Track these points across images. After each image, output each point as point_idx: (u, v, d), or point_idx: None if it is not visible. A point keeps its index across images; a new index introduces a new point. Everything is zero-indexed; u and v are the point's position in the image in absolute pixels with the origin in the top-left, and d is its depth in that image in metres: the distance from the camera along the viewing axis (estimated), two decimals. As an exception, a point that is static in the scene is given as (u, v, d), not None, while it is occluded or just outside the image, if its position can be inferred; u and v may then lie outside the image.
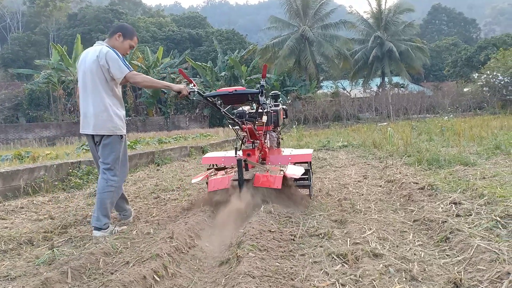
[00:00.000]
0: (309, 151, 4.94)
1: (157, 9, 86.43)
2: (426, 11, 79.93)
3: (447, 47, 52.20)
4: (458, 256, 2.52)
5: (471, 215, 3.28)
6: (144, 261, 2.48)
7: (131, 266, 2.44)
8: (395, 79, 39.11)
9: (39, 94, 33.16)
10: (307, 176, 4.54)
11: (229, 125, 4.52)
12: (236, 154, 4.29)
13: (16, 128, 29.78)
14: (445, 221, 3.08)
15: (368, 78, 39.10)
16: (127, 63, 3.70)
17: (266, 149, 4.71)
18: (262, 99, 4.26)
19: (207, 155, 5.05)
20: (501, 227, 2.86)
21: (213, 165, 4.73)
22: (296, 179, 4.38)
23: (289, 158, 4.59)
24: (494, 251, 2.41)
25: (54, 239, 3.35)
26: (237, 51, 37.46)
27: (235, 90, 4.23)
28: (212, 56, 42.33)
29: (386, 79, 37.67)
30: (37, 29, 56.85)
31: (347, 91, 37.60)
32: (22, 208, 4.83)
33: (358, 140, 12.12)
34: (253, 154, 4.20)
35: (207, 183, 4.32)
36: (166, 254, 2.58)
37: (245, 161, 3.99)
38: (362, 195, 4.65)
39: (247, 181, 3.85)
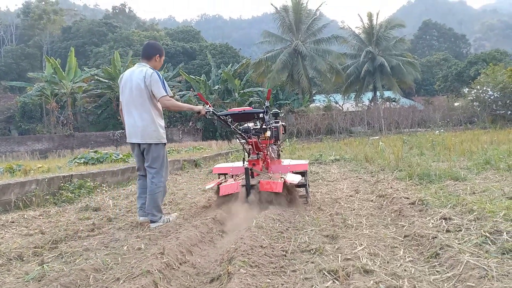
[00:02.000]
0: (306, 161, 5.67)
1: (151, 23, 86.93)
2: (417, 26, 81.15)
3: (437, 62, 52.90)
4: (448, 272, 2.54)
5: (461, 230, 3.31)
6: (135, 277, 2.47)
7: (121, 283, 2.43)
8: (387, 94, 39.51)
9: (32, 106, 33.06)
10: (304, 183, 5.26)
11: (237, 139, 5.28)
12: (244, 164, 5.03)
13: (8, 140, 29.59)
14: (435, 237, 3.10)
15: (360, 92, 39.46)
16: (167, 86, 4.36)
17: (269, 160, 5.39)
18: (266, 117, 5.07)
19: (217, 165, 5.87)
20: (490, 243, 2.88)
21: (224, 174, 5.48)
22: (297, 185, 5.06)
23: (288, 168, 5.30)
24: (483, 268, 2.43)
25: (44, 254, 3.33)
26: (230, 65, 37.70)
27: (244, 110, 5.09)
28: (206, 69, 42.55)
29: (378, 93, 38.04)
30: (31, 42, 56.93)
31: (340, 105, 37.88)
32: (13, 222, 4.79)
33: (350, 154, 12.18)
34: (258, 164, 4.93)
35: (217, 190, 4.98)
36: (156, 271, 2.57)
37: (251, 169, 4.67)
38: (354, 210, 4.67)
39: (253, 186, 4.52)
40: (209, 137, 31.25)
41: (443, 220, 3.61)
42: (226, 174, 5.50)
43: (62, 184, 6.69)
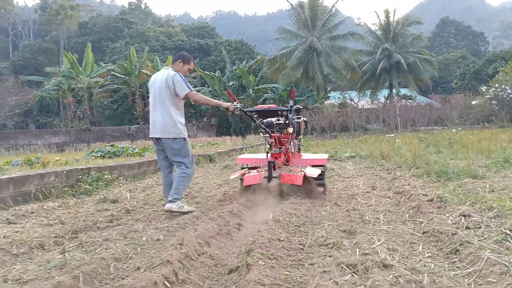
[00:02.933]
0: (325, 156, 6.06)
1: (166, 19, 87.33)
2: (435, 23, 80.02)
3: (455, 60, 52.16)
4: (468, 268, 2.52)
5: (480, 227, 3.27)
6: (155, 267, 2.50)
7: (142, 272, 2.46)
8: (403, 91, 39.09)
9: (49, 101, 33.51)
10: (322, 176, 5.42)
11: (261, 133, 5.69)
12: (267, 157, 5.36)
13: (25, 134, 30.03)
14: (455, 233, 3.07)
15: (375, 90, 39.11)
16: (189, 84, 4.74)
17: (290, 154, 5.58)
18: (290, 116, 5.41)
19: (241, 156, 6.29)
20: (510, 240, 2.85)
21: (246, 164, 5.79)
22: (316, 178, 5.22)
23: (308, 162, 5.54)
24: (504, 264, 2.41)
25: (65, 243, 3.38)
26: (245, 61, 37.67)
27: (269, 108, 5.48)
28: (221, 65, 42.59)
29: (394, 91, 37.66)
30: (48, 37, 57.61)
31: (355, 102, 37.59)
32: (33, 213, 4.87)
33: (365, 151, 12.10)
34: (280, 157, 5.25)
35: (241, 179, 5.37)
36: (176, 261, 2.60)
37: (273, 162, 4.98)
38: (371, 206, 4.65)
39: (275, 178, 4.83)
40: (223, 132, 31.32)
41: (462, 217, 3.58)
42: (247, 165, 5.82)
43: (80, 176, 6.78)
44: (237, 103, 4.98)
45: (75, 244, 3.40)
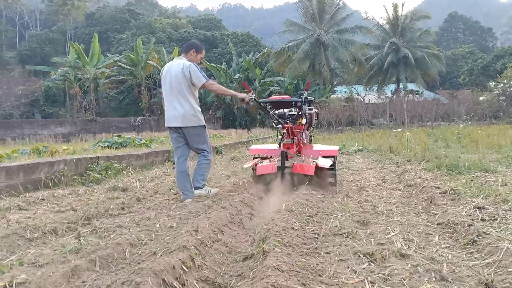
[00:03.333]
0: (335, 147, 6.05)
1: (173, 10, 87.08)
2: (443, 18, 79.35)
3: (463, 55, 51.79)
4: (487, 258, 2.49)
5: (496, 219, 3.25)
6: (171, 252, 2.49)
7: (159, 257, 2.45)
8: (410, 86, 38.87)
9: (56, 91, 33.57)
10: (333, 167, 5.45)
11: (273, 124, 5.68)
12: (279, 147, 5.36)
13: (31, 124, 30.12)
14: (471, 225, 3.05)
15: (382, 84, 38.90)
16: (204, 74, 4.83)
17: (302, 144, 5.70)
18: (304, 107, 5.42)
19: (253, 146, 6.38)
20: (529, 232, 2.82)
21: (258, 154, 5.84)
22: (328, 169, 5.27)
23: (320, 152, 5.56)
24: (525, 255, 2.38)
25: (79, 229, 3.38)
26: (251, 53, 37.55)
27: (283, 99, 5.65)
28: (227, 58, 42.48)
29: (401, 86, 37.44)
30: (55, 27, 57.62)
31: (361, 97, 37.41)
32: (43, 200, 4.88)
33: (373, 145, 12.05)
34: (292, 147, 5.27)
35: (253, 169, 5.53)
36: (192, 246, 2.59)
37: (286, 152, 4.99)
38: (383, 198, 4.62)
39: (287, 168, 4.88)
40: (229, 125, 31.31)
41: (477, 209, 3.55)
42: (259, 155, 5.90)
43: (89, 165, 6.79)
44: (252, 94, 5.07)
45: (88, 229, 3.39)
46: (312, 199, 4.48)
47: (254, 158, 5.78)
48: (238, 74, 33.51)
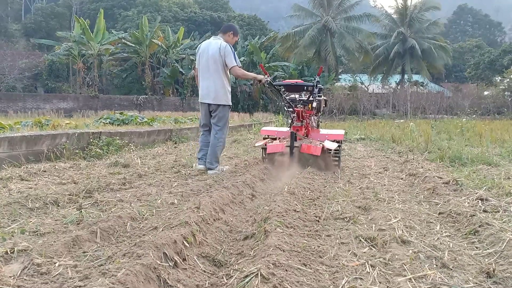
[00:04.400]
0: (342, 131, 6.29)
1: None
2: (452, 10, 78.47)
3: (470, 49, 51.36)
4: (488, 248, 2.49)
5: (498, 211, 3.24)
6: (173, 227, 2.49)
7: (160, 231, 2.45)
8: (415, 77, 38.67)
9: (59, 65, 33.37)
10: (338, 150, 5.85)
11: (285, 107, 6.15)
12: (289, 129, 5.78)
13: (34, 97, 30.02)
14: (473, 215, 3.03)
15: (387, 74, 38.71)
16: (237, 58, 5.16)
17: (310, 128, 6.08)
18: (315, 91, 5.87)
19: (264, 128, 6.90)
20: (531, 225, 2.81)
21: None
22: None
23: (326, 136, 5.89)
24: (527, 247, 2.37)
25: (80, 201, 3.38)
26: (257, 37, 37.19)
27: (296, 83, 6.15)
28: (233, 40, 42.04)
29: (406, 76, 37.22)
30: (61, 1, 56.96)
31: (365, 86, 37.22)
32: (45, 171, 4.88)
33: (375, 134, 12.01)
34: (301, 130, 5.76)
35: (263, 148, 6.03)
36: (194, 223, 2.59)
37: (295, 134, 5.39)
38: (384, 185, 4.61)
39: (296, 147, 5.28)
40: (231, 109, 31.15)
41: (480, 201, 3.53)
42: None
43: (91, 140, 6.78)
44: (268, 76, 5.48)
45: (90, 202, 3.39)
46: (314, 183, 4.48)
47: (264, 138, 6.15)
48: (243, 57, 33.24)
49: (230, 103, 5.36)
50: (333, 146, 5.53)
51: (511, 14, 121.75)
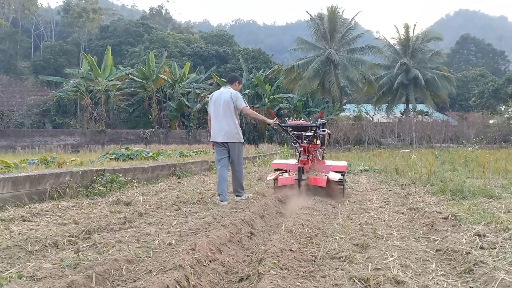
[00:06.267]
0: (344, 163, 7.20)
1: (186, 25, 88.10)
2: (454, 40, 79.32)
3: (474, 78, 51.62)
4: (482, 288, 2.48)
5: (495, 248, 3.23)
6: (167, 271, 2.52)
7: (154, 275, 2.48)
8: (420, 107, 38.80)
9: (67, 101, 33.90)
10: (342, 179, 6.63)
11: (292, 143, 6.94)
12: (297, 162, 6.55)
13: (42, 133, 30.43)
14: (469, 253, 3.03)
15: (392, 104, 38.88)
16: (245, 101, 6.13)
17: (316, 160, 6.81)
18: (319, 131, 6.59)
19: (275, 161, 7.78)
20: (527, 263, 2.80)
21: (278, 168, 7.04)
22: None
23: (331, 168, 6.67)
24: (520, 286, 2.37)
25: (79, 243, 3.42)
26: (262, 70, 37.74)
27: (302, 124, 6.95)
28: (238, 73, 42.61)
29: (411, 106, 37.37)
30: (69, 38, 58.50)
31: (370, 116, 37.38)
32: (47, 211, 4.94)
33: (379, 165, 12.02)
34: (307, 163, 6.42)
35: (274, 180, 6.73)
36: (188, 266, 2.61)
37: (302, 167, 6.23)
38: (384, 221, 4.61)
39: (303, 180, 6.13)
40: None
41: (477, 237, 3.53)
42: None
43: (94, 177, 6.86)
44: (276, 119, 6.36)
45: (88, 244, 3.43)
46: (313, 219, 4.49)
47: (275, 171, 6.96)
48: (248, 90, 33.67)
49: (242, 140, 6.19)
50: (337, 176, 6.27)
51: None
